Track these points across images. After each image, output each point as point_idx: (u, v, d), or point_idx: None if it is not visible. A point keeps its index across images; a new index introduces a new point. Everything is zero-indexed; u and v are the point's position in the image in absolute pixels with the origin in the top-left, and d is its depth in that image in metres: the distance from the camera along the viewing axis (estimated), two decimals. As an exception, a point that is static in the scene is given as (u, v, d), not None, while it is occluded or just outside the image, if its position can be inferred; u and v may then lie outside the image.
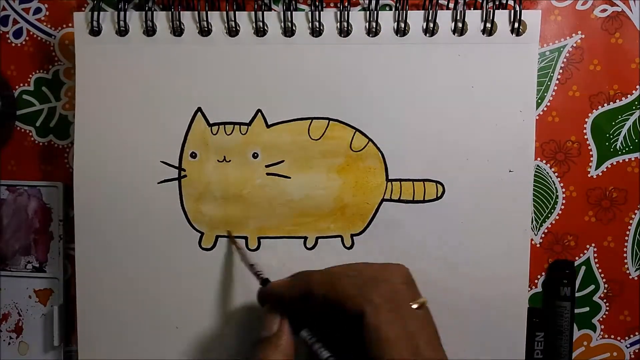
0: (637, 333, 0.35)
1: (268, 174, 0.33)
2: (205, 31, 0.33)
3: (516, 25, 0.31)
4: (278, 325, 0.27)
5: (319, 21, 0.32)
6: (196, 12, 0.32)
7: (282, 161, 0.33)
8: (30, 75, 0.36)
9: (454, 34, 0.32)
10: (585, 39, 0.34)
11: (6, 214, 0.36)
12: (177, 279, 0.33)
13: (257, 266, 0.29)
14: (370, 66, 0.32)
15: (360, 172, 0.33)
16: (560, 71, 0.34)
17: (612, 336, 0.35)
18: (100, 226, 0.33)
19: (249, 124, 0.33)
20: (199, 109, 0.33)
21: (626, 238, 0.34)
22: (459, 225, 0.32)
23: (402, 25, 0.32)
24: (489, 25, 0.32)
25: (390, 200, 0.33)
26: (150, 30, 0.33)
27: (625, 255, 0.34)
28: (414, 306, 0.24)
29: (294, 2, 0.33)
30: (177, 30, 0.33)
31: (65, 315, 0.36)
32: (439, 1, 0.32)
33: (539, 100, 0.34)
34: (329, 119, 0.33)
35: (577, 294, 0.34)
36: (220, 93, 0.33)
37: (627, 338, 0.35)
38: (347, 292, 0.24)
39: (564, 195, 0.34)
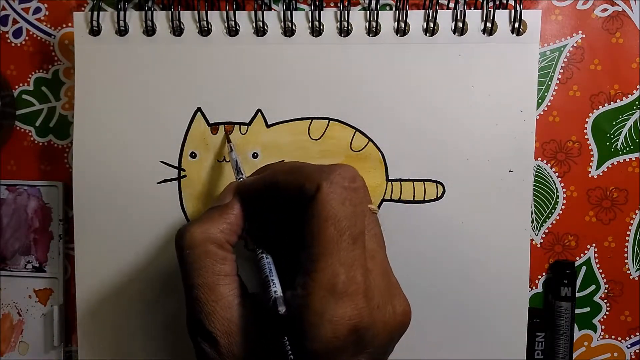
0: (637, 333, 0.35)
1: (268, 174, 0.33)
2: (205, 31, 0.32)
3: (516, 25, 0.31)
4: (230, 199, 0.26)
5: (319, 21, 0.32)
6: (196, 12, 0.32)
7: (282, 161, 0.33)
8: (30, 75, 0.36)
9: (454, 33, 0.32)
10: (585, 39, 0.34)
11: (6, 213, 0.36)
12: (177, 279, 0.33)
13: (242, 170, 0.29)
14: (370, 66, 0.32)
15: (360, 172, 0.32)
16: (561, 71, 0.34)
17: (613, 336, 0.35)
18: (99, 226, 0.33)
19: (248, 124, 0.33)
20: (199, 109, 0.33)
21: (627, 238, 0.34)
22: (459, 225, 0.32)
23: (402, 25, 0.32)
24: (490, 25, 0.32)
25: (390, 200, 0.33)
26: (150, 30, 0.33)
27: (625, 255, 0.34)
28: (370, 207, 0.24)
29: (294, 1, 0.33)
30: (177, 30, 0.33)
31: (65, 315, 0.36)
32: (439, 1, 0.32)
33: (540, 100, 0.34)
34: (329, 119, 0.33)
35: (577, 294, 0.34)
36: (220, 93, 0.33)
37: (627, 338, 0.35)
38: (307, 172, 0.23)
39: (565, 195, 0.34)
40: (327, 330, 0.20)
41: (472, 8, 0.33)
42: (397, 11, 0.32)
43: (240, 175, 0.29)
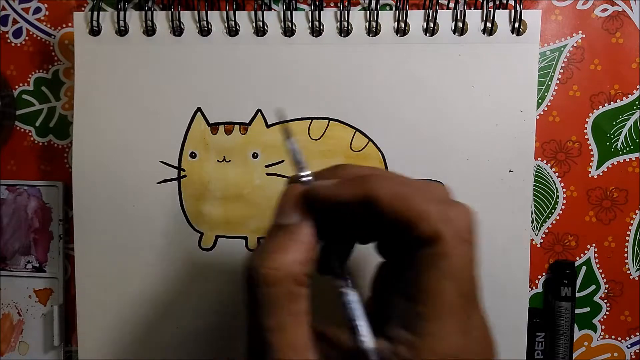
0: (637, 333, 0.35)
1: (268, 174, 0.33)
2: (205, 31, 0.32)
3: (516, 25, 0.31)
4: (299, 215, 0.21)
5: (319, 21, 0.32)
6: (196, 12, 0.32)
7: (282, 161, 0.33)
8: (30, 75, 0.36)
9: (454, 33, 0.32)
10: (585, 39, 0.34)
11: (6, 213, 0.36)
12: (177, 279, 0.33)
13: (304, 165, 0.23)
14: (370, 66, 0.32)
15: (360, 172, 0.33)
16: (561, 71, 0.34)
17: (613, 336, 0.35)
18: (99, 226, 0.33)
19: (248, 124, 0.33)
20: (199, 109, 0.33)
21: (627, 238, 0.34)
22: (459, 226, 0.32)
23: (402, 25, 0.32)
24: (490, 25, 0.32)
25: (390, 200, 0.33)
26: (150, 30, 0.33)
27: (625, 255, 0.34)
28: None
29: (294, 1, 0.33)
30: (177, 30, 0.33)
31: (65, 315, 0.36)
32: (439, 1, 0.32)
33: (540, 100, 0.34)
34: (329, 119, 0.33)
35: (577, 294, 0.34)
36: (220, 93, 0.33)
37: (627, 338, 0.35)
38: (420, 207, 0.19)
39: (565, 195, 0.34)
40: None
41: (472, 8, 0.33)
42: (397, 11, 0.32)
43: (302, 171, 0.23)
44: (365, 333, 0.20)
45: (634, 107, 0.34)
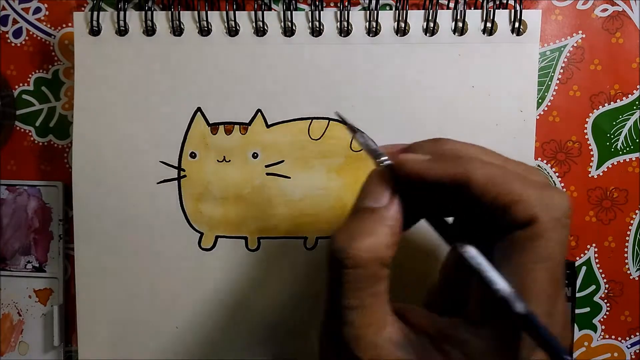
0: (638, 333, 0.35)
1: (268, 174, 0.33)
2: (205, 31, 0.32)
3: (516, 24, 0.31)
4: (388, 198, 0.21)
5: (319, 21, 0.32)
6: (196, 12, 0.32)
7: (282, 161, 0.33)
8: (30, 75, 0.36)
9: (454, 33, 0.32)
10: (586, 39, 0.34)
11: (6, 213, 0.36)
12: (177, 279, 0.33)
13: (381, 152, 0.23)
14: (370, 66, 0.32)
15: (360, 172, 0.33)
16: (561, 71, 0.34)
17: (613, 337, 0.35)
18: (99, 226, 0.33)
19: (248, 124, 0.33)
20: (199, 109, 0.33)
21: (627, 238, 0.34)
22: (459, 226, 0.32)
23: (402, 24, 0.32)
24: (490, 25, 0.32)
25: (390, 200, 0.33)
26: (150, 30, 0.33)
27: (625, 255, 0.34)
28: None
29: (294, 1, 0.33)
30: (177, 30, 0.33)
31: (65, 315, 0.36)
32: (439, 1, 0.32)
33: (540, 100, 0.34)
34: (329, 119, 0.33)
35: (577, 295, 0.34)
36: (220, 93, 0.33)
37: (628, 338, 0.35)
38: (520, 193, 0.19)
39: (565, 196, 0.34)
40: None
41: (472, 8, 0.33)
42: (397, 11, 0.32)
43: (380, 158, 0.23)
44: (500, 282, 0.19)
45: (634, 107, 0.34)
